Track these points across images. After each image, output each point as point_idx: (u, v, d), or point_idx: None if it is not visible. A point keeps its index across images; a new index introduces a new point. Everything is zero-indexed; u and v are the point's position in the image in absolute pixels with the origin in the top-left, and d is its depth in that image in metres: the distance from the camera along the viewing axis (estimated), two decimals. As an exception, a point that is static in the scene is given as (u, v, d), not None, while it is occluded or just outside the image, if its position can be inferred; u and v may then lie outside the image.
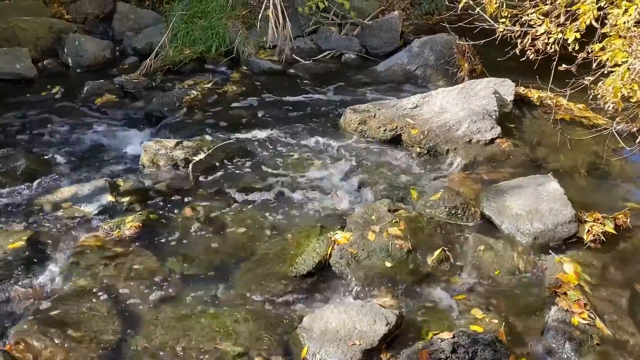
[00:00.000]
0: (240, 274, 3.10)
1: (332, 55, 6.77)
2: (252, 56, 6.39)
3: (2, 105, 5.31)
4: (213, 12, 6.34)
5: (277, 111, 5.22)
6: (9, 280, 2.92)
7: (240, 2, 6.78)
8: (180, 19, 6.29)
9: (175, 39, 6.21)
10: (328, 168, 4.16)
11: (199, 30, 6.27)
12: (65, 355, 2.43)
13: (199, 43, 6.25)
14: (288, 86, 5.85)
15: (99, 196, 3.65)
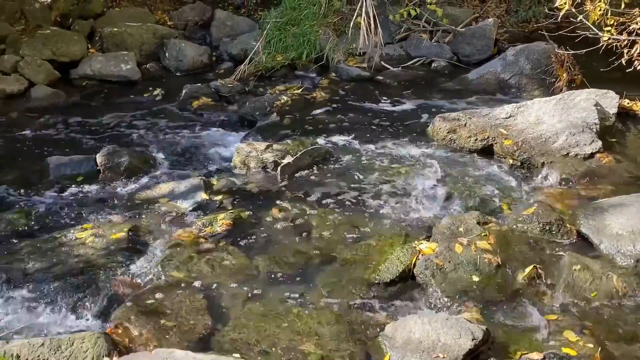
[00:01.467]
0: (323, 277, 3.13)
1: (422, 62, 6.72)
2: (341, 63, 6.47)
3: (109, 105, 5.74)
4: (306, 19, 6.49)
5: (364, 117, 5.25)
6: (111, 267, 3.13)
7: (332, 10, 6.88)
8: (274, 26, 6.49)
9: (269, 46, 6.42)
10: (415, 176, 4.12)
11: (291, 37, 6.44)
12: (158, 342, 2.57)
13: (291, 50, 6.42)
14: (376, 93, 5.87)
15: (194, 193, 3.84)
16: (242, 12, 7.97)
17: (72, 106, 5.71)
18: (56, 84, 6.14)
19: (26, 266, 3.15)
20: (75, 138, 4.99)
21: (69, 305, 2.87)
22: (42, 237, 3.44)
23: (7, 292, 2.95)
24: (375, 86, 6.07)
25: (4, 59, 6.15)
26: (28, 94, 5.86)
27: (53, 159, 4.37)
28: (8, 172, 4.35)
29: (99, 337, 2.39)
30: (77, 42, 6.57)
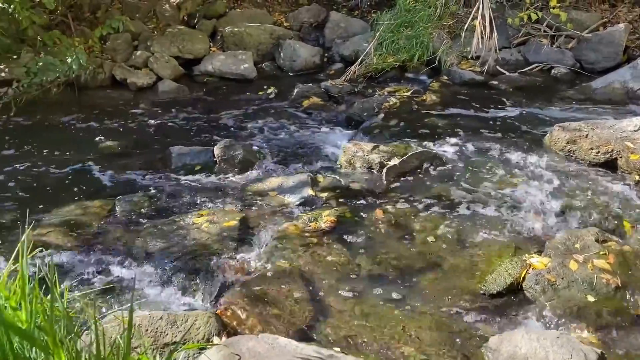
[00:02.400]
0: (426, 282, 3.09)
1: (541, 68, 6.40)
2: (454, 66, 6.34)
3: (227, 101, 6.07)
4: (420, 21, 6.43)
5: (475, 123, 5.10)
6: (223, 253, 3.31)
7: (447, 13, 6.75)
8: (387, 28, 6.50)
9: (380, 47, 6.44)
10: (528, 187, 3.94)
11: (403, 39, 6.42)
12: (263, 328, 2.68)
13: (402, 52, 6.39)
14: (489, 98, 5.68)
15: (301, 189, 3.95)
16: (356, 14, 8.05)
17: (193, 100, 6.10)
18: (180, 79, 6.60)
19: (148, 245, 3.42)
20: (195, 130, 5.34)
21: (183, 284, 3.08)
22: (163, 220, 3.72)
23: (130, 268, 3.23)
24: (489, 91, 5.88)
25: (136, 55, 6.72)
26: (156, 87, 6.35)
27: (175, 149, 4.70)
28: (136, 158, 4.75)
29: (211, 317, 2.55)
30: (200, 40, 7.01)
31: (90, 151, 4.89)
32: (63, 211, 3.85)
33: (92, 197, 4.09)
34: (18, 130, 5.32)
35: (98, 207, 3.88)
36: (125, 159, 4.72)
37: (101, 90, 6.32)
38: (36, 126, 5.43)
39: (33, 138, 5.16)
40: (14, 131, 5.31)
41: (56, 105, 5.82)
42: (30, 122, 5.50)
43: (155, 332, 2.45)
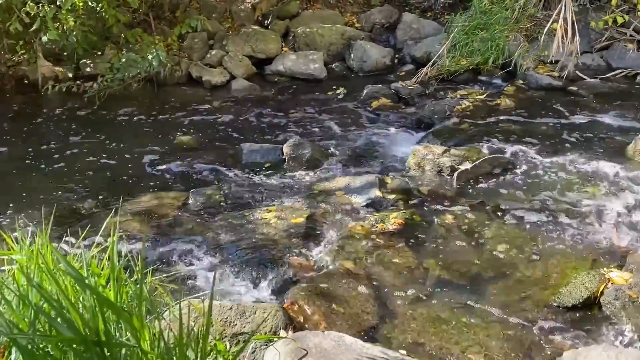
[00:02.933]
0: (495, 290, 3.01)
1: (625, 74, 6.06)
2: (530, 70, 6.13)
3: (296, 100, 6.15)
4: (496, 24, 6.26)
5: (552, 129, 4.91)
6: (290, 249, 3.36)
7: (525, 15, 6.54)
8: (461, 30, 6.37)
9: (453, 49, 6.32)
10: (607, 197, 3.75)
11: (478, 41, 6.27)
12: (327, 325, 2.70)
13: (476, 54, 6.24)
14: (567, 104, 5.44)
15: (368, 190, 3.94)
16: (429, 15, 7.95)
17: (264, 99, 6.23)
18: (252, 78, 6.76)
19: (219, 237, 3.53)
20: (265, 128, 5.45)
21: (251, 276, 3.15)
22: (233, 213, 3.82)
23: (201, 258, 3.34)
24: (567, 97, 5.63)
25: (211, 54, 6.94)
26: (229, 86, 6.53)
27: (246, 145, 4.82)
28: (208, 153, 4.91)
29: (278, 311, 2.59)
30: (273, 40, 7.15)
31: (166, 145, 5.09)
32: (140, 201, 4.04)
33: (167, 188, 4.26)
34: (100, 123, 5.63)
35: (173, 198, 4.04)
36: (199, 154, 4.88)
37: (177, 87, 6.57)
38: (117, 119, 5.72)
39: (113, 130, 5.44)
40: (96, 123, 5.62)
41: (136, 100, 6.11)
42: (112, 115, 5.80)
43: (225, 322, 2.52)
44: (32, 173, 4.62)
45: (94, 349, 1.25)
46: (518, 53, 6.19)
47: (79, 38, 5.98)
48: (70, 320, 1.31)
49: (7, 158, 4.90)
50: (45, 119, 5.80)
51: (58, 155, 4.92)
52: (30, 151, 5.02)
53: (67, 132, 5.42)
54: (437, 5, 8.07)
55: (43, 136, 5.35)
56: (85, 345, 1.25)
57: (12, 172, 4.64)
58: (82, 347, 1.27)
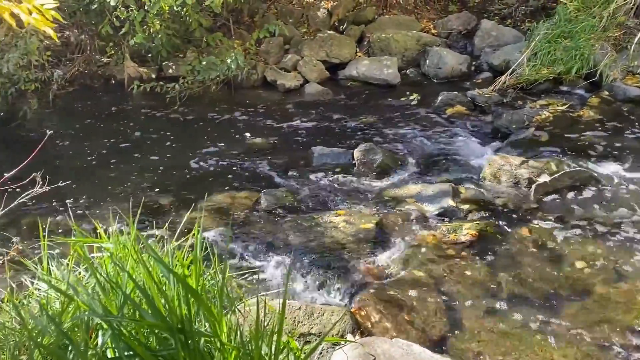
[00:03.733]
0: (573, 310, 2.87)
1: None
2: (617, 81, 5.79)
3: (368, 106, 6.14)
4: (582, 32, 5.97)
5: (638, 143, 4.62)
6: (358, 253, 3.36)
7: (614, 23, 6.20)
8: (544, 38, 6.13)
9: (534, 58, 6.09)
10: (702, 219, 3.48)
11: (561, 50, 6.00)
12: (395, 332, 2.67)
13: (559, 64, 5.98)
14: (659, 118, 5.11)
15: (440, 199, 3.87)
16: (508, 22, 7.70)
17: (336, 103, 6.26)
18: (325, 82, 6.81)
19: (288, 237, 3.58)
20: (336, 132, 5.47)
21: (319, 278, 3.18)
22: (302, 215, 3.87)
23: (271, 257, 3.40)
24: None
25: (287, 58, 7.06)
26: (302, 90, 6.62)
27: (317, 149, 4.87)
28: (280, 154, 5.00)
29: (346, 314, 2.60)
30: (348, 45, 7.18)
31: (240, 146, 5.23)
32: (214, 199, 4.17)
33: (240, 188, 4.38)
34: (179, 122, 5.87)
35: (245, 197, 4.14)
36: (271, 155, 4.98)
37: (253, 90, 6.73)
38: (195, 120, 5.94)
39: (191, 130, 5.66)
40: (176, 123, 5.86)
41: (213, 102, 6.32)
42: (190, 115, 6.03)
43: (293, 321, 2.55)
44: (116, 167, 4.89)
45: (177, 336, 1.30)
46: (604, 63, 5.87)
47: (164, 41, 6.27)
48: (155, 307, 1.37)
49: (95, 152, 5.21)
50: (129, 117, 6.12)
51: (140, 151, 5.17)
52: (114, 146, 5.32)
53: (148, 129, 5.69)
54: (518, 12, 7.81)
55: (127, 133, 5.65)
56: (169, 331, 1.30)
57: (99, 166, 4.93)
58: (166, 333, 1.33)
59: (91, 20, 6.61)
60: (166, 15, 6.12)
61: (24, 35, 5.33)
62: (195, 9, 6.06)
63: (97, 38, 6.77)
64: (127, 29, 6.12)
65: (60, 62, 6.82)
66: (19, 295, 1.96)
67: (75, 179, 4.36)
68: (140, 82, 6.38)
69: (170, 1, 5.76)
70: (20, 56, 5.29)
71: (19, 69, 5.46)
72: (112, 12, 6.19)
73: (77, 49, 6.87)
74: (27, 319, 1.56)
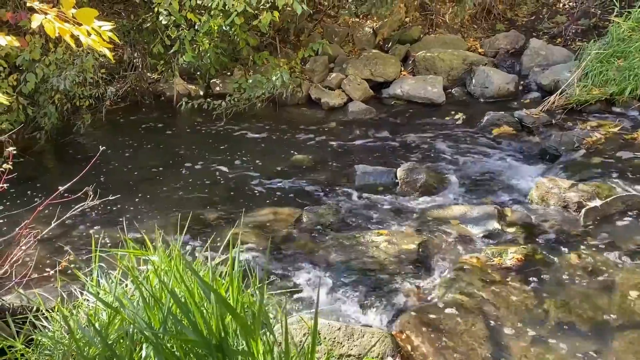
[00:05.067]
0: (625, 341, 2.73)
1: None
2: (675, 102, 5.57)
3: (412, 125, 6.10)
4: (636, 52, 5.78)
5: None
6: (400, 275, 3.32)
7: (671, 42, 5.97)
8: (595, 58, 5.97)
9: (585, 78, 5.93)
10: None
11: (614, 70, 5.82)
12: (436, 357, 2.61)
13: (612, 84, 5.80)
14: None
15: (485, 221, 3.79)
16: (558, 41, 7.54)
17: (380, 122, 6.25)
18: (369, 100, 6.82)
19: (329, 256, 3.58)
20: (379, 150, 5.45)
21: (360, 299, 3.15)
22: (344, 233, 3.86)
23: (312, 274, 3.40)
24: None
25: (331, 76, 7.12)
26: (346, 108, 6.65)
27: (359, 167, 4.86)
28: (322, 172, 5.02)
29: (386, 337, 2.56)
30: (392, 64, 7.18)
31: (284, 162, 5.29)
32: (257, 214, 4.22)
33: (283, 204, 4.41)
34: (225, 139, 5.98)
35: (287, 214, 4.17)
36: (314, 173, 5.00)
37: (297, 107, 6.81)
38: (240, 136, 6.04)
39: (237, 146, 5.76)
40: (222, 139, 5.98)
41: (258, 119, 6.42)
42: (236, 132, 6.14)
43: (333, 341, 2.53)
44: (164, 181, 5.02)
45: (215, 354, 1.31)
46: (660, 83, 5.66)
47: (212, 59, 6.44)
48: (195, 323, 1.38)
49: (144, 166, 5.37)
50: (177, 133, 6.29)
51: (187, 166, 5.30)
52: (163, 161, 5.46)
53: (195, 145, 5.83)
54: (568, 31, 7.64)
55: (174, 148, 5.80)
56: (208, 349, 1.32)
57: (148, 180, 5.07)
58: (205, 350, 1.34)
59: (144, 39, 6.87)
60: (215, 35, 6.29)
61: (80, 54, 5.58)
62: (243, 28, 6.20)
63: (148, 56, 7.02)
64: (178, 47, 6.32)
65: (113, 79, 7.10)
66: (69, 306, 2.03)
67: (125, 193, 4.50)
68: (189, 98, 6.55)
69: (219, 21, 5.93)
70: (77, 74, 5.53)
71: (75, 85, 5.71)
72: (164, 31, 6.41)
73: (129, 67, 7.14)
74: (75, 330, 1.61)
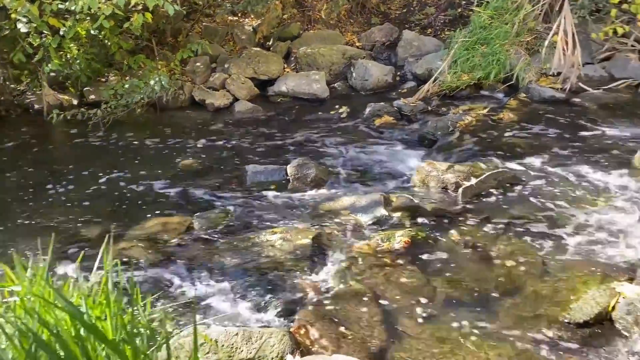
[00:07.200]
0: (505, 308, 2.96)
1: (628, 84, 6.03)
2: (532, 83, 6.12)
3: (299, 121, 6.17)
4: (496, 38, 6.27)
5: (556, 142, 4.88)
6: (296, 271, 3.33)
7: (525, 29, 6.55)
8: (462, 46, 6.39)
9: (455, 65, 6.33)
10: (615, 210, 3.71)
11: (479, 56, 6.27)
12: (335, 349, 2.66)
13: (478, 69, 6.24)
14: (571, 116, 5.43)
15: (373, 208, 3.92)
16: (429, 32, 7.98)
17: (267, 120, 6.25)
18: (255, 99, 6.79)
19: (223, 260, 3.51)
20: (269, 149, 5.45)
21: (258, 300, 3.11)
22: (238, 236, 3.80)
23: (207, 282, 3.31)
24: (571, 109, 5.61)
25: (214, 77, 6.99)
26: (232, 108, 6.56)
27: (250, 167, 4.82)
28: (213, 175, 4.91)
29: (285, 335, 2.56)
30: (275, 61, 7.20)
31: (171, 169, 5.10)
32: (144, 226, 4.03)
33: (172, 213, 4.25)
34: (105, 149, 5.65)
35: (177, 222, 4.03)
36: (203, 177, 4.88)
37: (181, 110, 6.61)
38: (121, 145, 5.74)
39: (118, 156, 5.46)
40: (101, 150, 5.64)
41: (140, 126, 6.14)
42: (116, 141, 5.82)
43: (231, 348, 2.48)
44: (38, 200, 4.63)
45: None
46: (520, 67, 6.19)
47: (83, 66, 6.05)
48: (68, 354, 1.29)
49: (14, 186, 4.92)
50: (50, 147, 5.84)
51: (64, 183, 4.92)
52: (36, 179, 5.04)
53: (72, 159, 5.45)
54: (437, 22, 8.11)
55: (49, 164, 5.37)
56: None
57: (18, 200, 4.65)
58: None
59: (3, 48, 6.28)
60: (84, 40, 5.91)
61: None
62: (114, 31, 5.89)
63: (10, 66, 6.43)
64: (41, 55, 5.86)
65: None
66: None
67: (-9, 217, 4.10)
68: (61, 109, 6.11)
69: (86, 25, 5.57)
70: None
71: None
72: (25, 38, 5.90)
73: (-11, 79, 6.51)
74: None
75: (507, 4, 6.52)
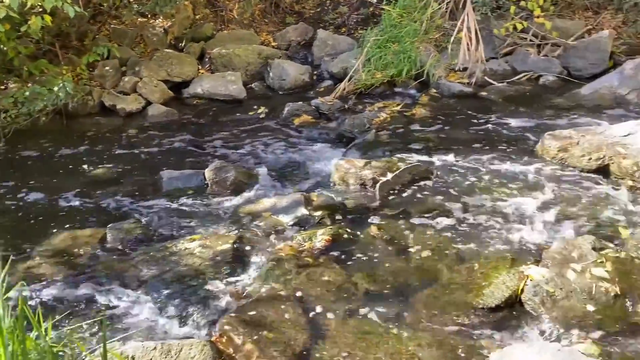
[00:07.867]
0: (423, 298, 3.05)
1: (529, 77, 6.42)
2: (442, 79, 6.36)
3: (217, 123, 6.05)
4: (406, 36, 6.46)
5: (466, 135, 5.10)
6: (217, 278, 3.26)
7: (433, 26, 6.80)
8: (374, 44, 6.52)
9: (368, 63, 6.46)
10: (522, 197, 3.92)
11: (391, 54, 6.43)
12: (259, 354, 2.62)
13: (391, 67, 6.40)
14: (479, 109, 5.69)
15: (294, 209, 3.91)
16: (343, 31, 8.10)
17: (183, 123, 6.08)
18: (169, 102, 6.58)
19: (140, 272, 3.37)
20: (186, 153, 5.30)
21: (177, 311, 3.02)
22: (155, 246, 3.67)
23: (123, 296, 3.17)
24: (478, 102, 5.89)
25: (124, 80, 6.70)
26: (145, 112, 6.32)
27: (165, 173, 4.67)
28: (126, 184, 4.71)
29: (205, 345, 2.50)
30: (189, 63, 7.02)
31: (81, 179, 4.84)
32: (53, 241, 3.80)
33: (83, 226, 4.03)
34: (7, 162, 5.27)
35: (89, 236, 3.83)
36: (116, 186, 4.67)
37: (90, 117, 6.29)
38: (25, 156, 5.38)
39: (22, 168, 5.12)
40: (3, 163, 5.25)
41: (45, 134, 5.78)
42: (20, 152, 5.45)
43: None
44: None
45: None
46: (429, 63, 6.41)
47: (-23, 73, 5.61)
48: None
49: None
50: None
51: (-41, 200, 4.55)
52: None
53: (-32, 174, 5.03)
54: (350, 21, 8.24)
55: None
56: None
57: None
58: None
59: None
60: (-24, 45, 5.48)
61: None
62: (10, 35, 5.49)
63: None
64: None
65: None
66: None
67: None
68: (-46, 121, 5.63)
69: (-22, 29, 5.16)
70: None
71: None
72: None
73: None
74: None
75: (415, 2, 6.75)
